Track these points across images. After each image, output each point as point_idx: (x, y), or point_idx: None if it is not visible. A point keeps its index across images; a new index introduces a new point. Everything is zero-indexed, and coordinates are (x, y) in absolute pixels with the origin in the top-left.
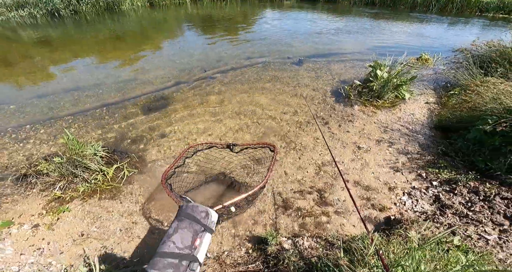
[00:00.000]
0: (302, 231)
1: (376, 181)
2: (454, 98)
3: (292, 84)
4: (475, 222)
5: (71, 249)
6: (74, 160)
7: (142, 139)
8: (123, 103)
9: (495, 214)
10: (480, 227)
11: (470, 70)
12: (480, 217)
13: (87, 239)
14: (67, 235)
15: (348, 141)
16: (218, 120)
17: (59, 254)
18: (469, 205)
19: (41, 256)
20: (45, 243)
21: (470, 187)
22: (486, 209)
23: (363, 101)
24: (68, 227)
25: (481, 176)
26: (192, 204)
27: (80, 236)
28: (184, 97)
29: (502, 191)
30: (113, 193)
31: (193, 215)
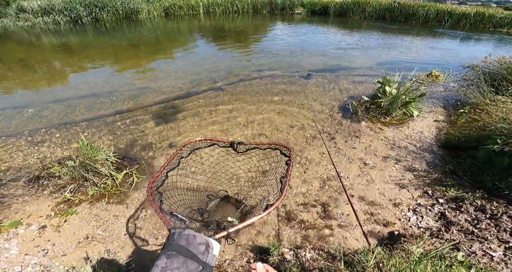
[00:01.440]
0: (304, 243)
1: (381, 197)
2: (463, 117)
3: (300, 98)
4: (481, 239)
5: (75, 251)
6: (87, 164)
7: (151, 146)
8: (135, 111)
9: (501, 231)
10: (485, 243)
11: (480, 88)
12: (486, 234)
13: (92, 242)
14: (72, 237)
15: (354, 157)
16: (226, 131)
17: (61, 255)
18: (475, 222)
19: (44, 257)
20: (50, 244)
21: (477, 205)
22: (493, 226)
23: (371, 117)
24: (74, 229)
25: (489, 195)
26: (188, 232)
27: (85, 238)
28: (193, 107)
29: (510, 210)
30: (121, 198)
31: (188, 249)
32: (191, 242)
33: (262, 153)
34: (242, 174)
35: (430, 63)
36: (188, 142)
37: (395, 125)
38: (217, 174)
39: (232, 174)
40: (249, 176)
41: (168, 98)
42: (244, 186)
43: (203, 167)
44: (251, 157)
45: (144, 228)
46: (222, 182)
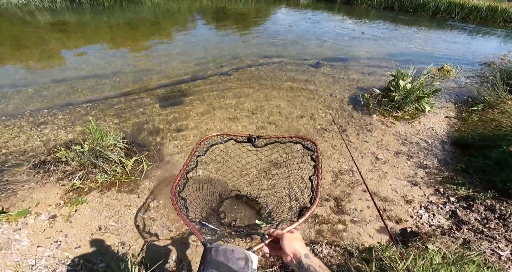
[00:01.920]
0: (318, 237)
1: (393, 193)
2: (475, 115)
3: (309, 87)
4: (489, 238)
5: (89, 243)
6: (96, 150)
7: (159, 131)
8: (140, 94)
9: (509, 231)
10: (494, 243)
11: (495, 86)
12: (495, 234)
13: (105, 234)
14: (85, 228)
15: (366, 151)
16: (235, 118)
17: (75, 248)
18: (485, 221)
19: (58, 249)
20: (62, 236)
21: (487, 204)
22: (501, 226)
23: (382, 111)
24: (86, 219)
25: (499, 195)
26: (225, 247)
27: (98, 230)
28: (200, 92)
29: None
30: (131, 186)
31: (228, 266)
32: (230, 258)
33: (281, 148)
34: (258, 170)
35: (441, 57)
36: (204, 138)
37: (406, 120)
38: (230, 170)
39: (247, 170)
40: (266, 172)
41: (173, 81)
42: (260, 183)
43: (214, 163)
44: (270, 152)
45: (157, 219)
46: (235, 179)
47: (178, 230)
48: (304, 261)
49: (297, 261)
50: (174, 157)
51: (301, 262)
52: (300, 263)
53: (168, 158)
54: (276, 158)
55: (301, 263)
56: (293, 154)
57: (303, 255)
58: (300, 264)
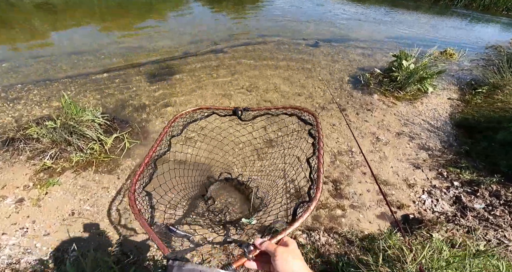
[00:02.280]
0: (315, 223)
1: (395, 176)
2: (479, 96)
3: (307, 66)
4: (495, 226)
5: (59, 230)
6: (69, 125)
7: (145, 107)
8: (126, 70)
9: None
10: (499, 231)
11: (501, 69)
12: (500, 222)
13: (79, 219)
14: (55, 213)
15: (366, 131)
16: (227, 95)
17: (43, 235)
18: (490, 208)
19: (24, 237)
20: (29, 222)
21: (492, 190)
22: (507, 213)
23: (383, 91)
24: (57, 203)
25: (505, 180)
26: (191, 267)
27: (71, 215)
28: (192, 69)
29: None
30: (111, 166)
31: None
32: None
33: (274, 122)
34: (250, 148)
35: (444, 41)
36: (179, 115)
37: (408, 100)
38: (217, 149)
39: (238, 149)
40: (258, 151)
41: (163, 58)
42: (252, 164)
43: (198, 143)
44: (263, 127)
45: (139, 203)
46: (224, 160)
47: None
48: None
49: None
50: None
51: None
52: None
53: (153, 135)
54: (269, 133)
55: None
56: (287, 129)
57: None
58: None
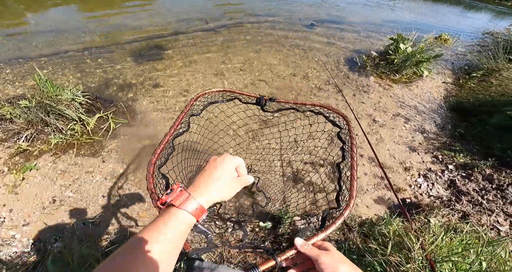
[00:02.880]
0: (313, 208)
1: (391, 159)
2: (473, 81)
3: (303, 47)
4: (488, 211)
5: (40, 219)
6: (46, 104)
7: (131, 86)
8: (109, 48)
9: (507, 204)
10: (493, 216)
11: (496, 54)
12: (493, 207)
13: (61, 207)
14: (34, 201)
15: (363, 113)
16: (220, 74)
17: (22, 225)
18: (483, 192)
19: (1, 228)
20: (6, 211)
21: (485, 174)
22: (499, 198)
23: (380, 73)
24: (36, 190)
25: (498, 164)
26: (220, 269)
27: (52, 202)
28: (182, 48)
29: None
30: (94, 148)
31: None
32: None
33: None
34: (259, 138)
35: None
36: (202, 93)
37: (404, 83)
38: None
39: (251, 140)
40: (274, 143)
41: (150, 36)
42: (263, 157)
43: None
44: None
45: (126, 189)
46: (227, 146)
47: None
48: None
49: None
50: (148, 114)
51: None
52: None
53: (141, 115)
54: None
55: None
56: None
57: None
58: None
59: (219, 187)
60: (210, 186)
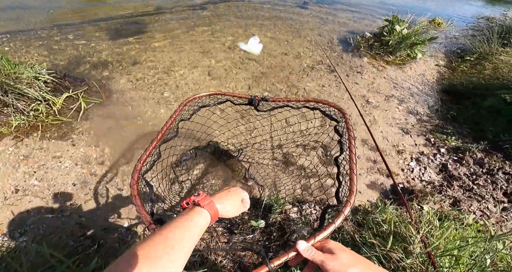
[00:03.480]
0: (305, 195)
1: (384, 141)
2: (466, 64)
3: (295, 26)
4: (478, 197)
5: (2, 211)
6: (3, 83)
7: (107, 64)
8: (82, 25)
9: (496, 189)
10: (483, 203)
11: (490, 39)
12: (483, 192)
13: (25, 197)
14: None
15: (356, 93)
16: (207, 52)
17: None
18: (474, 177)
19: None
20: None
21: (477, 158)
22: (489, 183)
23: (374, 54)
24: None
25: (489, 147)
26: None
27: (14, 192)
28: (165, 25)
29: (506, 166)
30: (63, 130)
31: None
32: None
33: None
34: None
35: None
36: (191, 98)
37: (397, 65)
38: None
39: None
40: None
41: (130, 13)
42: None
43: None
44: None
45: (101, 175)
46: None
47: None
48: None
49: None
50: (126, 93)
51: None
52: None
53: (117, 95)
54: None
55: None
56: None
57: None
58: None
59: (231, 204)
60: (226, 201)
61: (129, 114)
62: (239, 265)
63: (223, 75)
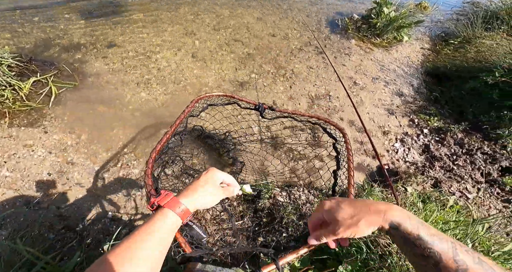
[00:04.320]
0: (293, 178)
1: (371, 123)
2: (450, 48)
3: (282, 7)
4: (458, 178)
5: None
6: None
7: (79, 47)
8: (50, 7)
9: (475, 170)
10: (462, 183)
11: (474, 23)
12: (462, 173)
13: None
14: None
15: (344, 75)
16: (191, 33)
17: None
18: (454, 157)
19: None
20: None
21: (457, 138)
22: (468, 163)
23: (361, 36)
24: None
25: (469, 128)
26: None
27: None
28: (144, 5)
29: (484, 146)
30: (33, 117)
31: None
32: None
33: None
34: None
35: None
36: (203, 96)
37: (384, 47)
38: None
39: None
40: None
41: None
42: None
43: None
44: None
45: (78, 164)
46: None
47: (112, 178)
48: None
49: None
50: (103, 76)
51: None
52: None
53: (93, 78)
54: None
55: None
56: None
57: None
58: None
59: (203, 194)
60: (195, 194)
61: (106, 98)
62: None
63: (207, 57)
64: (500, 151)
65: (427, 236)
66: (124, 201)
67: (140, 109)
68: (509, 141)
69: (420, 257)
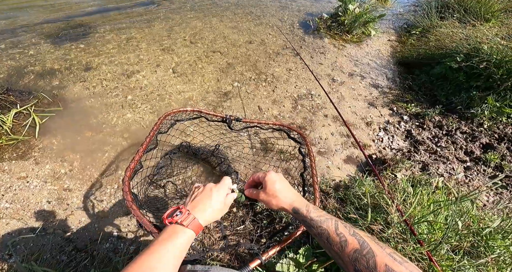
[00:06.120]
0: (287, 178)
1: (354, 116)
2: (413, 38)
3: (255, 13)
4: (443, 159)
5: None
6: None
7: (54, 73)
8: (14, 32)
9: (458, 149)
10: (448, 164)
11: (429, 14)
12: (446, 153)
13: (1, 220)
14: None
15: (322, 73)
16: (168, 49)
17: None
18: (436, 140)
19: None
20: None
21: (435, 121)
22: (450, 144)
23: (333, 34)
24: None
25: (445, 111)
26: (211, 269)
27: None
28: (116, 25)
29: (462, 125)
30: (22, 149)
31: None
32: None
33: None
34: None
35: None
36: (170, 112)
37: (355, 43)
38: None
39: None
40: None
41: (70, 14)
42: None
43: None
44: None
45: (76, 189)
46: None
47: (112, 199)
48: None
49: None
50: (84, 101)
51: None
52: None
53: (75, 104)
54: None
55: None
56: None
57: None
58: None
59: (211, 210)
60: (207, 210)
61: (92, 123)
62: (235, 256)
63: (188, 71)
64: (478, 128)
65: (317, 217)
66: (127, 219)
67: (128, 130)
68: (484, 118)
69: (317, 236)
